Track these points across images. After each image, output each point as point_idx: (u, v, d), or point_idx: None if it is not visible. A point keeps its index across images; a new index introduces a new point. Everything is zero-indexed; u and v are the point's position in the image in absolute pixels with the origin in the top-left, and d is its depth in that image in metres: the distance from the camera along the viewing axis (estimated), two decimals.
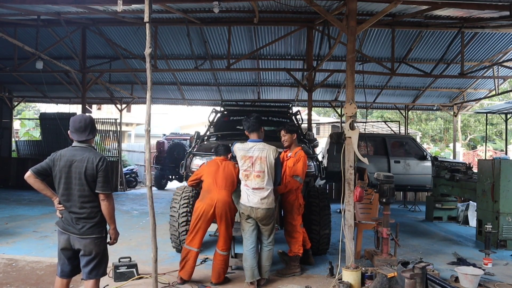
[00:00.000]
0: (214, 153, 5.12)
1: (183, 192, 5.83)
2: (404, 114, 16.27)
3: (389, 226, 5.15)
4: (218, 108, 7.74)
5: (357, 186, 5.19)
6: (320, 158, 9.62)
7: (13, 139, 16.18)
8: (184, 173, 5.94)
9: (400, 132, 16.53)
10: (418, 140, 24.65)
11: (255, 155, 4.57)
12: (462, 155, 21.19)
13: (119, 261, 4.81)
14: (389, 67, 10.38)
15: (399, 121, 17.57)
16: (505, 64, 11.39)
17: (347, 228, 4.94)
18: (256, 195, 4.50)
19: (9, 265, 5.20)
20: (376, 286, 4.30)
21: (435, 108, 16.64)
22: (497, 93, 12.99)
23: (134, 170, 16.10)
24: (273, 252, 4.80)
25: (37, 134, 19.13)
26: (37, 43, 10.24)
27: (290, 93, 15.13)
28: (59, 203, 3.32)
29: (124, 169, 15.13)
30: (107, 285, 4.46)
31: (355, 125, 5.10)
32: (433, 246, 6.87)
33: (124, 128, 23.51)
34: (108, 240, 3.47)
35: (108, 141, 14.51)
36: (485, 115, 16.59)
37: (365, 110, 17.88)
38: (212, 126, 7.31)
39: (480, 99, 15.39)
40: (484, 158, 14.61)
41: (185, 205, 5.66)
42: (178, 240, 5.72)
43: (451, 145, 21.10)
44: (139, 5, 8.06)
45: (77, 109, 19.07)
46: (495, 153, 22.64)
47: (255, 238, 4.65)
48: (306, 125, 10.25)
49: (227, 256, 4.75)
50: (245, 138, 4.89)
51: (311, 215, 5.64)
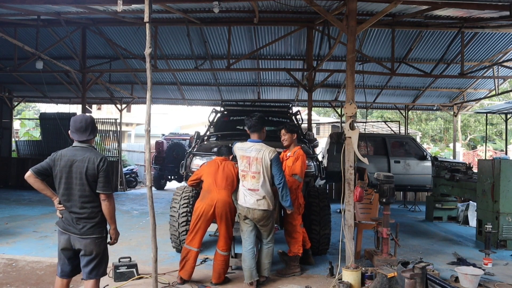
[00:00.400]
0: (216, 153, 5.11)
1: (183, 192, 5.83)
2: (404, 114, 16.27)
3: (389, 226, 5.15)
4: (218, 108, 7.74)
5: (357, 186, 5.19)
6: (320, 158, 9.62)
7: (13, 139, 16.18)
8: (184, 173, 5.94)
9: (400, 132, 16.53)
10: (418, 140, 24.66)
11: (252, 155, 4.53)
12: (462, 155, 21.18)
13: (119, 261, 4.81)
14: (389, 67, 10.38)
15: (399, 121, 17.57)
16: (505, 64, 11.40)
17: (347, 228, 4.95)
18: (252, 196, 4.47)
19: (9, 265, 5.20)
20: (376, 286, 4.30)
21: (435, 108, 16.64)
22: (497, 93, 12.99)
23: (134, 170, 16.10)
24: (273, 250, 4.78)
25: (37, 134, 19.14)
26: (37, 43, 10.24)
27: (290, 93, 15.13)
28: (59, 203, 3.32)
29: (124, 169, 15.12)
30: (107, 285, 4.46)
31: (355, 125, 5.10)
32: (433, 246, 6.87)
33: (124, 128, 23.52)
34: (109, 240, 3.47)
35: (108, 141, 14.50)
36: (485, 115, 16.59)
37: (365, 110, 17.88)
38: (212, 126, 7.31)
39: (480, 99, 15.38)
40: (484, 158, 14.61)
41: (185, 205, 5.66)
42: (178, 240, 5.72)
43: (451, 145, 21.10)
44: (139, 5, 8.07)
45: (77, 109, 19.07)
46: (495, 153, 22.64)
47: (253, 238, 4.64)
48: (306, 125, 10.25)
49: (228, 256, 4.75)
50: (245, 138, 4.88)
51: (311, 215, 5.63)
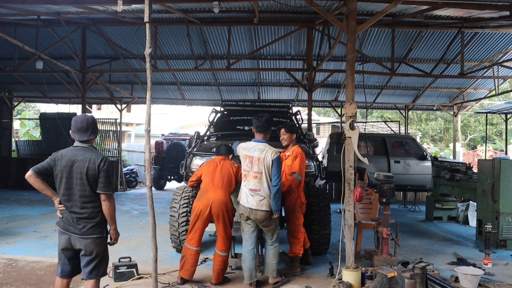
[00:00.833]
0: (215, 152, 5.07)
1: (183, 192, 5.83)
2: (404, 114, 16.26)
3: (389, 226, 5.15)
4: (218, 108, 7.74)
5: (357, 186, 5.19)
6: (320, 158, 9.62)
7: (13, 139, 16.18)
8: (184, 173, 5.95)
9: (400, 132, 16.53)
10: (418, 140, 24.65)
11: (255, 155, 4.51)
12: (462, 155, 21.19)
13: (119, 261, 4.81)
14: (389, 67, 10.38)
15: (399, 121, 17.57)
16: (505, 64, 11.40)
17: (347, 228, 4.95)
18: (254, 196, 4.45)
19: (9, 265, 5.20)
20: (376, 286, 4.30)
21: (435, 108, 16.64)
22: (497, 93, 12.99)
23: (134, 170, 16.10)
24: (278, 250, 4.74)
25: (37, 134, 19.14)
26: (37, 43, 10.23)
27: (290, 93, 15.13)
28: (60, 203, 3.32)
29: (124, 169, 15.12)
30: (107, 285, 4.46)
31: (355, 125, 5.10)
32: (433, 246, 6.87)
33: (124, 128, 23.52)
34: (109, 240, 3.47)
35: (108, 141, 14.50)
36: (485, 115, 16.59)
37: (365, 110, 17.88)
38: (212, 126, 7.31)
39: (480, 99, 15.39)
40: (484, 158, 14.61)
41: (185, 205, 5.66)
42: (178, 240, 5.72)
43: (451, 145, 21.10)
44: (139, 5, 8.07)
45: (77, 109, 19.06)
46: (495, 153, 22.64)
47: (254, 239, 4.63)
48: (306, 125, 10.25)
49: (227, 256, 4.73)
50: (245, 138, 4.88)
51: (311, 215, 5.63)
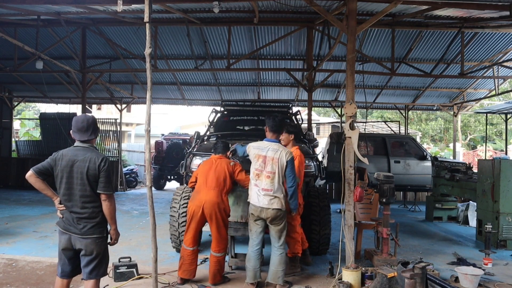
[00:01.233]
0: (213, 150, 5.02)
1: (183, 192, 5.83)
2: (404, 114, 16.26)
3: (389, 226, 5.16)
4: (218, 108, 7.74)
5: (357, 186, 5.19)
6: (320, 158, 9.62)
7: (13, 139, 16.18)
8: (184, 173, 5.95)
9: (400, 132, 16.53)
10: (418, 140, 24.65)
11: (269, 155, 4.51)
12: (462, 155, 21.18)
13: (119, 261, 4.81)
14: (389, 67, 10.38)
15: (399, 121, 17.57)
16: (505, 64, 11.39)
17: (347, 228, 4.95)
18: (266, 195, 4.44)
19: (9, 265, 5.20)
20: (376, 286, 4.30)
21: (435, 108, 16.64)
22: (497, 93, 12.99)
23: (134, 170, 16.09)
24: (284, 257, 4.61)
25: (37, 134, 19.14)
26: (37, 43, 10.23)
27: (290, 93, 15.13)
28: (60, 203, 3.32)
29: (124, 169, 15.12)
30: (107, 285, 4.46)
31: (355, 125, 5.11)
32: (433, 246, 6.87)
33: (124, 128, 23.51)
34: (109, 240, 3.47)
35: (108, 141, 14.50)
36: (485, 115, 16.59)
37: (365, 110, 17.88)
38: (212, 126, 7.31)
39: (480, 99, 15.39)
40: (484, 158, 14.61)
41: (185, 205, 5.65)
42: (178, 240, 5.72)
43: (451, 145, 21.10)
44: (139, 5, 8.06)
45: (77, 109, 19.06)
46: (495, 153, 22.63)
47: (261, 239, 4.60)
48: (306, 125, 10.25)
49: (222, 257, 4.69)
50: (245, 138, 4.88)
51: (311, 215, 5.63)
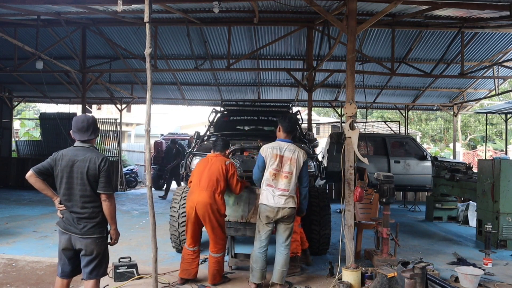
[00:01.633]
0: (212, 147, 4.97)
1: (183, 192, 5.83)
2: (404, 114, 16.26)
3: (389, 226, 5.15)
4: (218, 108, 7.74)
5: (357, 186, 5.19)
6: (320, 158, 9.62)
7: (13, 139, 16.17)
8: (184, 173, 5.95)
9: (400, 132, 16.53)
10: (418, 140, 24.65)
11: (286, 155, 4.51)
12: (462, 155, 21.18)
13: (119, 261, 4.81)
14: (389, 67, 10.38)
15: (399, 121, 17.57)
16: (505, 64, 11.39)
17: (347, 228, 4.95)
18: (282, 196, 4.44)
19: (9, 265, 5.20)
20: (376, 286, 4.30)
21: (435, 108, 16.64)
22: (497, 93, 12.99)
23: (134, 170, 16.08)
24: (289, 257, 4.62)
25: (37, 134, 19.13)
26: (37, 43, 10.23)
27: (290, 93, 15.13)
28: (60, 203, 3.32)
29: (124, 169, 15.11)
30: (107, 285, 4.46)
31: (355, 125, 5.11)
32: (433, 246, 6.87)
33: (124, 128, 23.51)
34: (109, 240, 3.47)
35: (108, 141, 14.49)
36: (485, 115, 16.58)
37: (365, 110, 17.88)
38: (212, 126, 7.31)
39: (480, 99, 15.39)
40: (484, 158, 14.61)
41: (185, 205, 5.65)
42: (178, 240, 5.72)
43: (451, 145, 21.10)
44: (139, 5, 8.06)
45: (77, 109, 19.05)
46: (495, 153, 22.63)
47: (268, 241, 4.60)
48: (306, 125, 10.25)
49: (220, 257, 4.67)
50: (245, 138, 4.87)
51: (311, 215, 5.63)
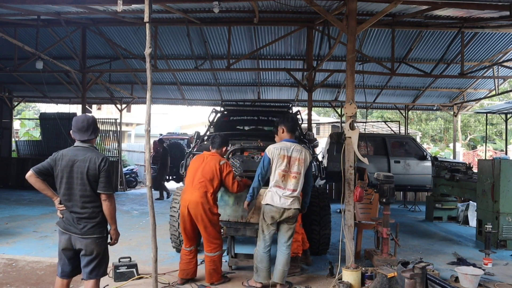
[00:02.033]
0: (210, 144, 4.91)
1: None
2: (404, 114, 16.26)
3: (389, 226, 5.15)
4: (218, 108, 7.74)
5: (357, 186, 5.19)
6: (320, 158, 9.62)
7: (13, 139, 16.17)
8: (184, 173, 5.94)
9: (400, 132, 16.53)
10: (418, 140, 24.65)
11: (294, 155, 4.49)
12: (462, 155, 21.18)
13: (119, 261, 4.81)
14: (389, 67, 10.38)
15: (399, 121, 17.56)
16: (505, 64, 11.39)
17: (347, 228, 4.95)
18: (289, 196, 4.43)
19: (9, 265, 5.20)
20: (376, 286, 4.30)
21: (435, 108, 16.64)
22: (497, 93, 12.99)
23: (134, 170, 16.09)
24: (290, 257, 4.63)
25: (37, 134, 19.13)
26: (37, 43, 10.23)
27: (290, 93, 15.13)
28: (60, 203, 3.32)
29: (124, 169, 15.11)
30: (107, 285, 4.46)
31: (355, 125, 5.10)
32: (433, 246, 6.87)
33: (124, 128, 23.51)
34: (109, 240, 3.47)
35: (108, 141, 14.50)
36: (485, 115, 16.58)
37: (365, 110, 17.87)
38: (212, 126, 7.31)
39: (480, 99, 15.39)
40: (484, 158, 14.61)
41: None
42: (178, 240, 5.73)
43: (451, 145, 21.10)
44: (139, 5, 8.06)
45: (77, 109, 19.06)
46: (495, 153, 22.63)
47: (272, 240, 4.59)
48: (306, 125, 10.25)
49: (216, 256, 4.65)
50: (245, 138, 4.86)
51: (311, 215, 5.63)
